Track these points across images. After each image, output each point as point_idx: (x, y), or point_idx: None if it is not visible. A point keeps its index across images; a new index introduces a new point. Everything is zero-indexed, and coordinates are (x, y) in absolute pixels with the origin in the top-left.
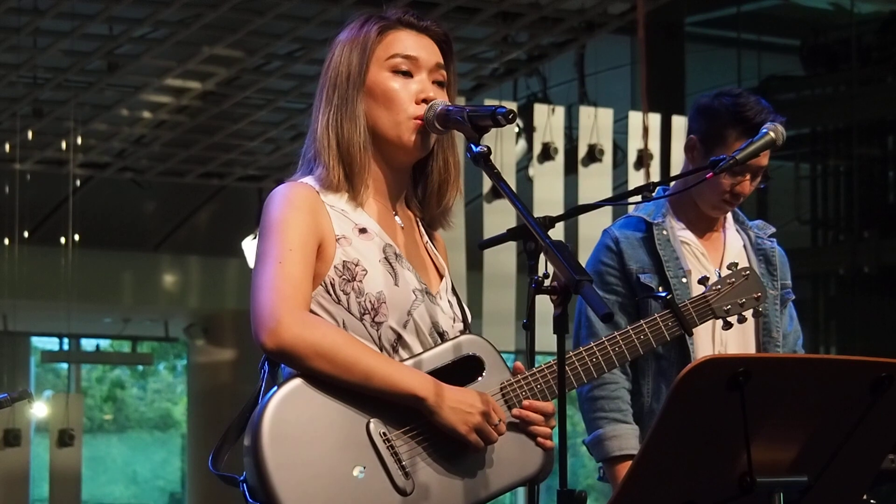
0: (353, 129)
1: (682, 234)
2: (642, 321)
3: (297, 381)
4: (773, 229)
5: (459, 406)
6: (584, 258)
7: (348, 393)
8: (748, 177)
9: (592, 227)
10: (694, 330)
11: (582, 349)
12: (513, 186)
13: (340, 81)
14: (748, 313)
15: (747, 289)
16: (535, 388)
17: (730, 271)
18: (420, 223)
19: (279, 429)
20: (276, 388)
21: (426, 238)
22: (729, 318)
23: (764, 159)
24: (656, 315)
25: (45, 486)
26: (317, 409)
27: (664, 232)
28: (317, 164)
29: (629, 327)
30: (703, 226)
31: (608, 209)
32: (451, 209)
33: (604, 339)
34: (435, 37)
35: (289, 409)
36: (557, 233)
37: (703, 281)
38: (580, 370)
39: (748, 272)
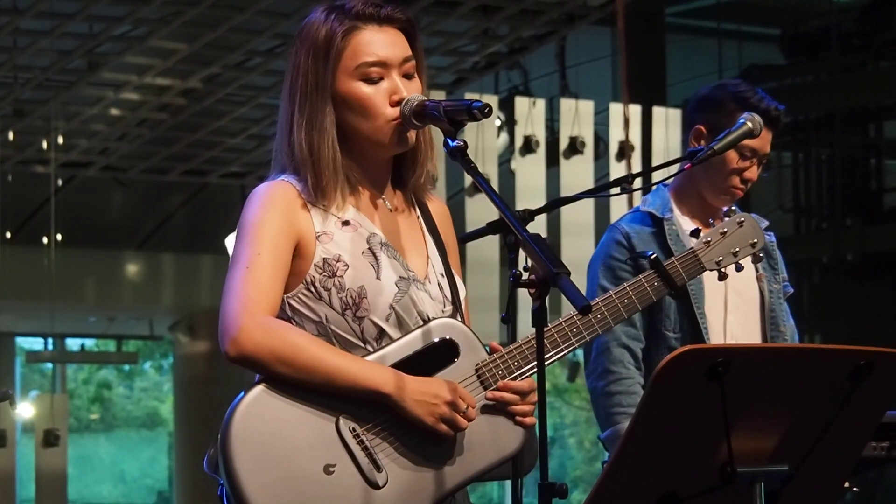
0: (322, 141)
1: (689, 227)
2: (625, 284)
3: (261, 387)
4: (766, 223)
5: (423, 398)
6: (566, 250)
7: (316, 392)
8: (755, 162)
9: (574, 219)
10: (708, 325)
11: (561, 319)
12: (495, 179)
13: (310, 91)
14: (745, 261)
15: (742, 236)
16: (513, 366)
17: (726, 219)
18: (415, 205)
19: (246, 435)
20: (242, 393)
21: (419, 214)
22: (723, 269)
23: (768, 146)
24: (640, 276)
25: (31, 487)
26: (283, 412)
27: (674, 227)
28: (301, 176)
29: (612, 292)
30: (707, 217)
31: (590, 200)
32: (427, 177)
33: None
34: (398, 24)
35: (255, 414)
36: (540, 225)
37: (695, 233)
38: (558, 340)
39: (743, 219)
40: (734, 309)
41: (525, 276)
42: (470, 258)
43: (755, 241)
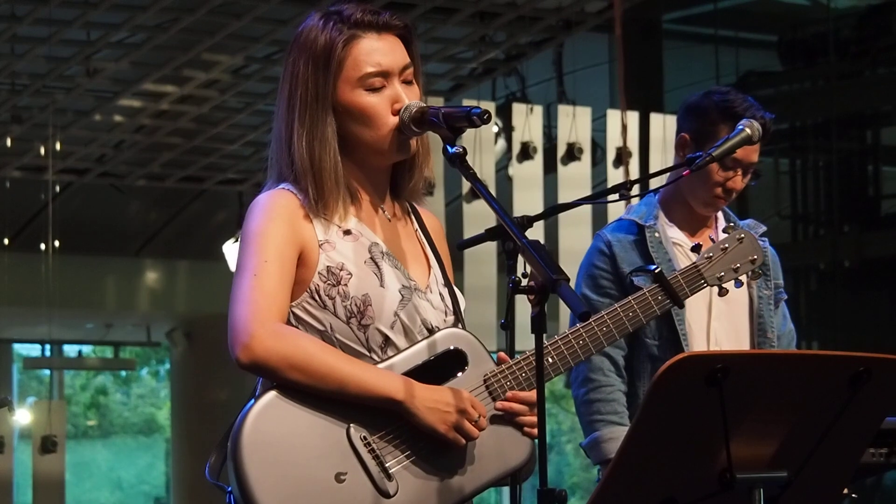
0: (323, 152)
1: (674, 235)
2: (630, 297)
3: (273, 394)
4: (763, 228)
5: (436, 406)
6: (563, 256)
7: (327, 400)
8: (739, 172)
9: (572, 226)
10: (689, 331)
11: (568, 331)
12: (493, 186)
13: (310, 100)
14: (744, 277)
15: (742, 253)
16: (521, 377)
17: (725, 235)
18: (412, 215)
19: (257, 442)
20: (252, 401)
21: (416, 226)
22: (724, 285)
23: (753, 155)
24: (644, 289)
25: (28, 493)
26: (295, 419)
27: (656, 234)
28: (301, 185)
29: (616, 304)
30: (695, 225)
31: (587, 207)
32: (423, 175)
33: (590, 319)
34: (396, 31)
35: (266, 421)
36: (537, 232)
37: (696, 248)
38: (566, 353)
39: (743, 236)
40: (719, 315)
41: (524, 282)
42: (467, 273)
43: (755, 257)
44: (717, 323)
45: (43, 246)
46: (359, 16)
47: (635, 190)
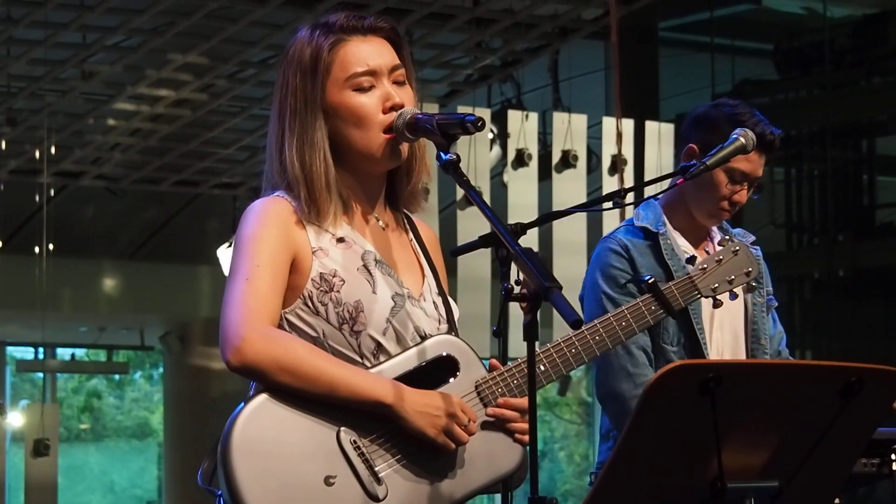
0: (314, 156)
1: (681, 243)
2: (623, 307)
3: (263, 397)
4: (753, 237)
5: (425, 410)
6: (557, 264)
7: (317, 403)
8: (746, 185)
9: (566, 234)
10: (705, 338)
11: (560, 339)
12: (487, 192)
13: (299, 107)
14: (739, 290)
15: (737, 265)
16: (512, 384)
17: (720, 247)
18: (407, 224)
19: (247, 445)
20: (242, 404)
21: (412, 236)
22: (718, 297)
23: (760, 169)
24: (638, 299)
25: (20, 496)
26: (285, 423)
27: (668, 242)
28: (295, 193)
29: (609, 314)
30: (696, 235)
31: (582, 215)
32: (420, 190)
33: (583, 327)
34: (382, 33)
35: (256, 424)
36: (531, 239)
37: (690, 260)
38: (558, 361)
39: (738, 248)
40: (721, 325)
41: (517, 289)
42: (461, 280)
43: (749, 269)
44: (719, 332)
45: (37, 249)
46: (343, 21)
47: (630, 198)
